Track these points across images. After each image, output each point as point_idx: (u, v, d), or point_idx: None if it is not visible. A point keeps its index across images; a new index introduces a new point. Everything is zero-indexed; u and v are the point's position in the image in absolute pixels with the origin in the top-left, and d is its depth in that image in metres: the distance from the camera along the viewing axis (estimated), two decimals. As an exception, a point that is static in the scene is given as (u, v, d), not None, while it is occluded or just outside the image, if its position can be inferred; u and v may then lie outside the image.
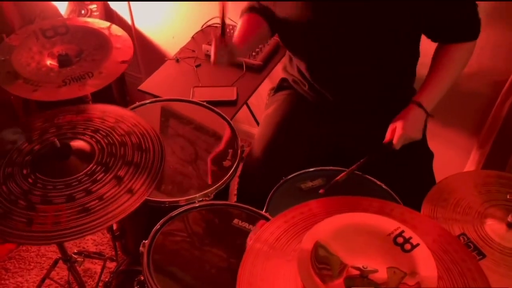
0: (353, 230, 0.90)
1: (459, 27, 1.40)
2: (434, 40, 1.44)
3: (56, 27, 1.76)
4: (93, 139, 1.29)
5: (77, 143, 1.26)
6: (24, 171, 1.21)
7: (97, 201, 1.13)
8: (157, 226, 1.26)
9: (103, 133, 1.31)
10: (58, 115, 1.38)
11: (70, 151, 1.23)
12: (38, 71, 1.61)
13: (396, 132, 1.38)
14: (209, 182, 1.48)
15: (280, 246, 0.96)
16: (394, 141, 1.37)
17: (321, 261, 0.85)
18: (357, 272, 0.83)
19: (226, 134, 1.64)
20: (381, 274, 0.83)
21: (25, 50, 1.67)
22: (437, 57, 1.45)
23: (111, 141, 1.29)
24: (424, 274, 0.81)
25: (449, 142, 2.09)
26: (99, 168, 1.21)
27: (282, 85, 1.74)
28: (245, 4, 1.56)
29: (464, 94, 1.92)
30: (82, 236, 1.09)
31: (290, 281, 0.87)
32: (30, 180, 1.19)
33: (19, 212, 1.12)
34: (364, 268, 0.83)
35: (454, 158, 2.11)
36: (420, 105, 1.40)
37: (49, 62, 1.65)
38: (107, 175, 1.19)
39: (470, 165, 2.02)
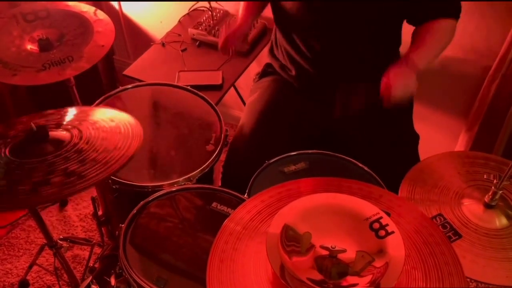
0: (328, 211, 0.89)
1: (437, 3, 1.38)
2: (413, 20, 1.43)
3: (37, 11, 1.73)
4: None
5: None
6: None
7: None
8: (134, 211, 1.25)
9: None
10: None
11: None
12: (18, 56, 1.59)
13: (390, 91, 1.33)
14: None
15: (255, 225, 0.95)
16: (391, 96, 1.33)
17: (290, 239, 0.84)
18: (326, 252, 0.83)
19: (211, 118, 1.62)
20: (350, 255, 0.82)
21: (5, 34, 1.65)
22: (417, 32, 1.43)
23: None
24: (391, 260, 0.80)
25: (437, 125, 2.08)
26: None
27: (266, 71, 1.73)
28: None
29: (453, 77, 1.91)
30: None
31: (261, 259, 0.87)
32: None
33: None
34: (333, 248, 0.82)
35: (442, 141, 2.11)
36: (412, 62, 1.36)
37: (29, 46, 1.63)
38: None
39: (459, 148, 2.01)
